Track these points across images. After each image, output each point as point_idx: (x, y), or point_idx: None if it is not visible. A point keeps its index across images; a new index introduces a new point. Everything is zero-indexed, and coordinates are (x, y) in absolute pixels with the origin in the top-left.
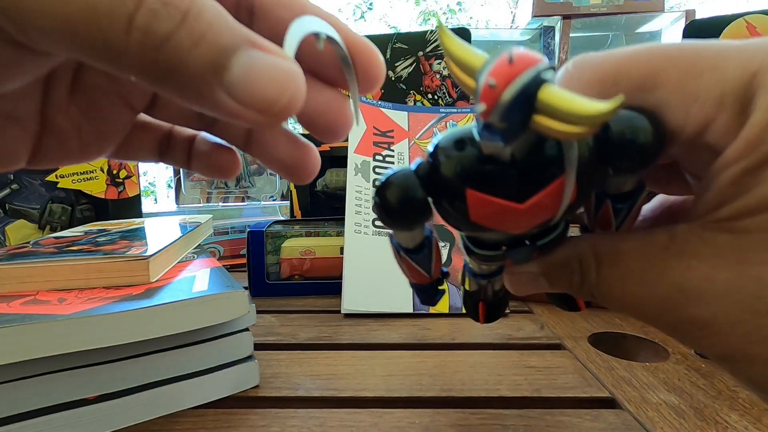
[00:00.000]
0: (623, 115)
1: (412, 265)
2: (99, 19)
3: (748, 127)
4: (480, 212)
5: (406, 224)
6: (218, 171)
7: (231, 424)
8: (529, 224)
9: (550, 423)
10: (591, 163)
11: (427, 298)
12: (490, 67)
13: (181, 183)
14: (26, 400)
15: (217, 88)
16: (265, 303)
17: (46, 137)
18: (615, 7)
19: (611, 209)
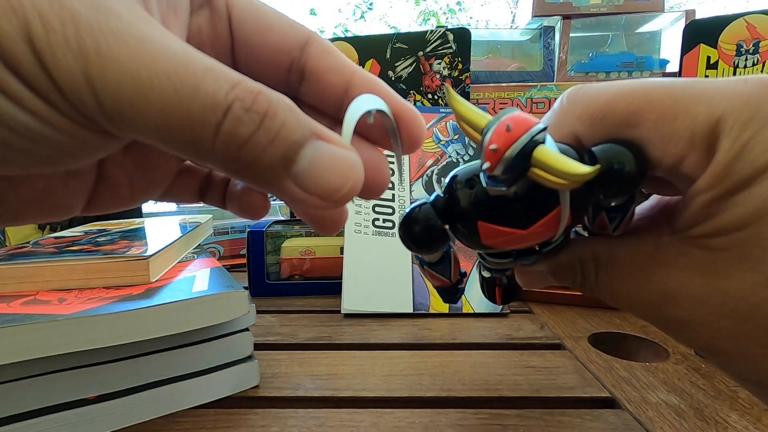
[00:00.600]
0: (610, 149)
1: (435, 275)
2: (192, 125)
3: (713, 165)
4: (490, 238)
5: (428, 250)
6: (249, 212)
7: (231, 424)
8: (533, 244)
9: (550, 423)
10: (583, 194)
11: (448, 298)
12: (491, 132)
13: None
14: (26, 400)
15: (285, 178)
16: (265, 303)
17: (100, 187)
18: (615, 7)
19: (606, 218)
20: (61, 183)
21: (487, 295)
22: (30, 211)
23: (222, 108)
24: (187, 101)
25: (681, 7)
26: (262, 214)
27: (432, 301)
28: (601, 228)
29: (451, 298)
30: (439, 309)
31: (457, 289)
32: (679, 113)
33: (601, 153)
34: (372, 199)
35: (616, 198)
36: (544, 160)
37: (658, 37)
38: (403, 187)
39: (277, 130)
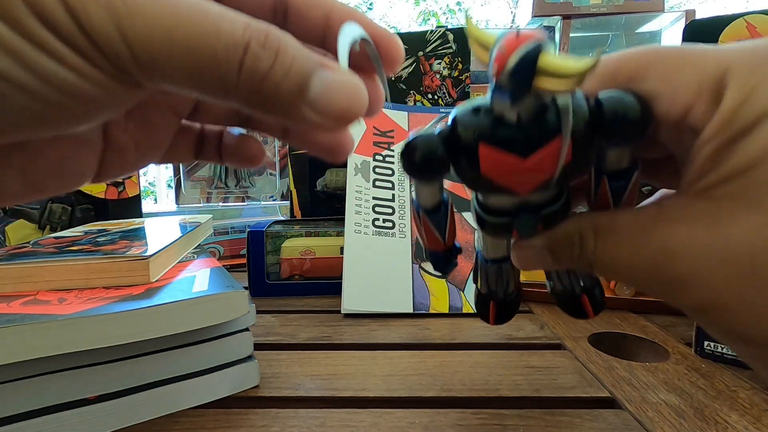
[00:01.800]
0: (615, 93)
1: (429, 227)
2: (219, 64)
3: (719, 112)
4: (489, 165)
5: (427, 175)
6: (247, 160)
7: (231, 424)
8: (532, 180)
9: (550, 423)
10: (586, 134)
11: (439, 265)
12: (502, 41)
13: (181, 183)
14: (26, 400)
15: (302, 105)
16: (265, 303)
17: (108, 154)
18: (615, 7)
19: (608, 188)
20: (73, 151)
21: (480, 309)
22: (49, 180)
23: (241, 46)
24: (212, 41)
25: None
26: (260, 159)
27: (432, 301)
28: (602, 203)
29: (442, 266)
30: (439, 309)
31: (449, 257)
32: (688, 65)
33: (606, 96)
34: (372, 117)
35: (620, 144)
36: (548, 63)
37: (658, 37)
38: (402, 186)
39: (290, 64)
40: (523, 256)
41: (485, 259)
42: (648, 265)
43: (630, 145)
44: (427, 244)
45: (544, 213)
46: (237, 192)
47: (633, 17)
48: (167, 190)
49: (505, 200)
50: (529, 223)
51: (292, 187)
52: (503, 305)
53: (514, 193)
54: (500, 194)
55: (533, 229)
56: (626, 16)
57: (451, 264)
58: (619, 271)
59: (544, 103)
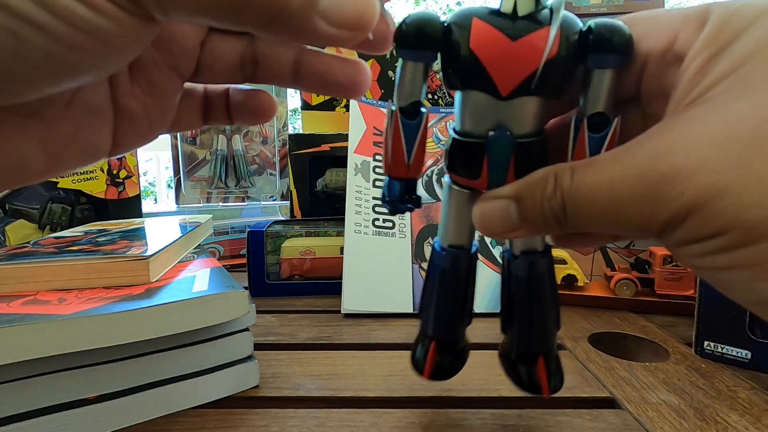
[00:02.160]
0: (603, 21)
1: (399, 135)
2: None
3: (707, 29)
4: (479, 39)
5: (417, 44)
6: (259, 114)
7: (231, 424)
8: (517, 70)
9: (550, 423)
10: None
11: (394, 197)
12: None
13: (181, 183)
14: (26, 400)
15: (315, 17)
16: (265, 303)
17: (120, 123)
18: (615, 7)
19: (586, 137)
20: (86, 120)
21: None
22: (68, 152)
23: None
24: None
25: None
26: (273, 111)
27: None
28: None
29: (396, 201)
30: None
31: (407, 191)
32: (671, 10)
33: (595, 24)
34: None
35: (604, 62)
36: None
37: None
38: None
39: None
40: (487, 210)
41: (441, 249)
42: (634, 174)
43: (614, 64)
44: (390, 162)
45: (520, 140)
46: (237, 192)
47: None
48: (167, 190)
49: (483, 111)
50: (504, 144)
51: (292, 187)
52: (447, 350)
53: (495, 91)
54: (481, 94)
55: (506, 154)
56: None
57: (406, 206)
58: (599, 198)
59: (538, 1)
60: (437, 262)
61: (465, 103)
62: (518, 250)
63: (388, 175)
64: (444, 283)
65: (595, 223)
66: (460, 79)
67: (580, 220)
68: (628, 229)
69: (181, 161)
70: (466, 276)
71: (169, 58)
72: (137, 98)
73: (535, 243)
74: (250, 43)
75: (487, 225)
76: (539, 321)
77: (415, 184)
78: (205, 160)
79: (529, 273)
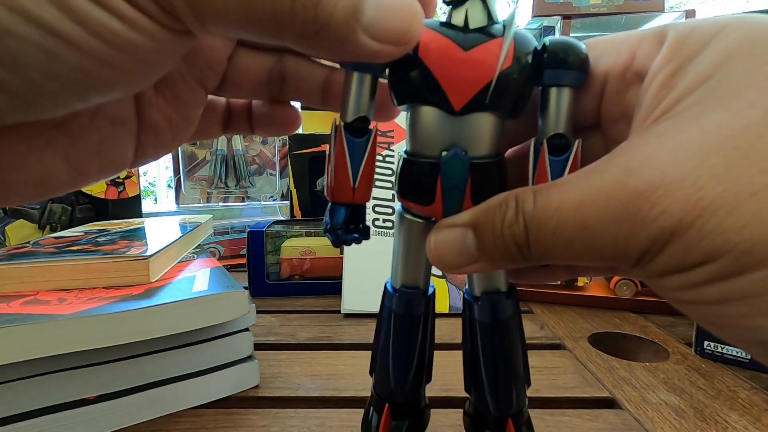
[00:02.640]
0: (558, 38)
1: (343, 154)
2: (274, 5)
3: (666, 45)
4: (429, 47)
5: None
6: (283, 126)
7: (231, 424)
8: (470, 82)
9: (550, 423)
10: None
11: (337, 226)
12: None
13: (181, 183)
14: (26, 400)
15: (359, 31)
16: (265, 303)
17: (144, 135)
18: (615, 7)
19: (548, 162)
20: (110, 132)
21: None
22: (92, 165)
23: None
24: None
25: (681, 7)
26: (296, 126)
27: None
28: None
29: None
30: (438, 309)
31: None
32: (629, 32)
33: (550, 42)
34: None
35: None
36: None
37: None
38: None
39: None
40: (441, 240)
41: (394, 290)
42: (605, 192)
43: (571, 82)
44: (332, 185)
45: (476, 161)
46: (237, 192)
47: (633, 17)
48: (167, 190)
49: (435, 129)
50: (458, 164)
51: (292, 187)
52: (404, 414)
53: (448, 105)
54: (432, 109)
55: (462, 176)
56: (626, 16)
57: (351, 236)
58: (566, 223)
59: (491, 15)
60: (388, 305)
61: (415, 120)
62: (479, 290)
63: (331, 199)
64: (397, 331)
65: (562, 253)
66: (409, 92)
67: (545, 249)
68: (599, 258)
69: (181, 161)
70: (423, 323)
71: (195, 72)
72: (161, 110)
73: (497, 281)
74: (279, 59)
75: (441, 257)
76: (507, 377)
77: (363, 212)
78: (205, 160)
79: (493, 318)
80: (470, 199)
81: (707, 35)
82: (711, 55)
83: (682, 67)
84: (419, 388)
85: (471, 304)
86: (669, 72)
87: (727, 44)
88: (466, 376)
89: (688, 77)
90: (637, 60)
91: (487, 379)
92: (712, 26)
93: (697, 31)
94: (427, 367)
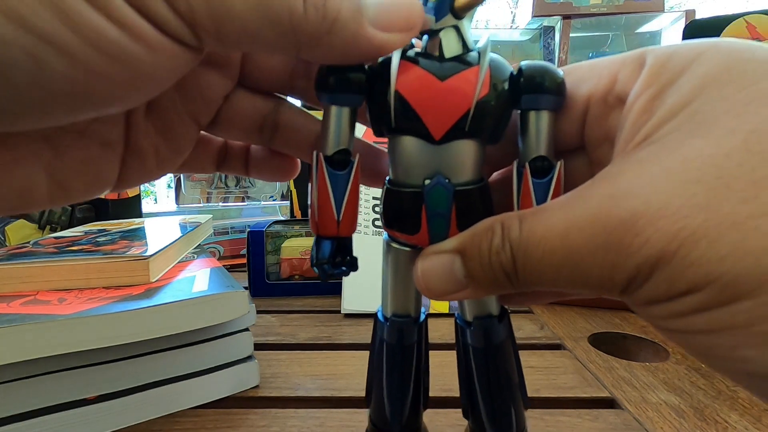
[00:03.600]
0: (533, 62)
1: (325, 187)
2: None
3: (646, 70)
4: (406, 79)
5: (340, 85)
6: (280, 174)
7: (231, 424)
8: (448, 112)
9: (550, 423)
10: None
11: (323, 260)
12: None
13: (181, 183)
14: (26, 400)
15: (366, 24)
16: (265, 303)
17: (130, 159)
18: (615, 7)
19: (531, 185)
20: (96, 152)
21: None
22: (74, 183)
23: None
24: None
25: (681, 7)
26: (293, 173)
27: (432, 302)
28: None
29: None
30: (439, 309)
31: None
32: (609, 57)
33: (526, 67)
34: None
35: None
36: None
37: (658, 38)
38: None
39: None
40: (429, 267)
41: (385, 319)
42: (590, 221)
43: (549, 105)
44: (317, 219)
45: (459, 187)
46: (237, 192)
47: (633, 17)
48: (167, 190)
49: (417, 158)
50: (442, 191)
51: (292, 187)
52: None
53: (428, 135)
54: (413, 139)
55: (446, 203)
56: (626, 16)
57: (338, 269)
58: (552, 251)
59: (465, 44)
60: (380, 334)
61: (396, 150)
62: (471, 315)
63: (316, 233)
64: (391, 361)
65: (549, 281)
66: (388, 124)
67: (533, 276)
68: (586, 285)
69: None
70: (416, 351)
71: (189, 105)
72: (149, 138)
73: (489, 306)
74: (276, 106)
75: (429, 285)
76: (505, 400)
77: (349, 244)
78: None
79: (486, 343)
80: (456, 226)
81: (686, 61)
82: (690, 80)
83: (662, 92)
84: (416, 417)
85: (463, 330)
86: (649, 97)
87: (705, 70)
88: (465, 403)
89: (667, 102)
90: (618, 84)
91: (483, 404)
92: (690, 51)
93: (675, 56)
94: (424, 394)
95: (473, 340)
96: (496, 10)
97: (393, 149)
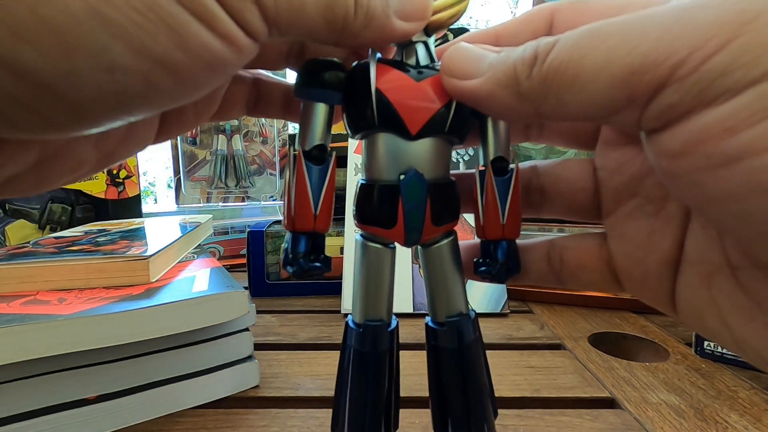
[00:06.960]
0: None
1: (303, 181)
2: (347, 9)
3: None
4: (384, 78)
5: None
6: None
7: (231, 424)
8: (424, 108)
9: (550, 423)
10: None
11: (298, 256)
12: None
13: (181, 183)
14: (26, 400)
15: (392, 16)
16: (265, 303)
17: (169, 114)
18: None
19: (494, 182)
20: (141, 121)
21: None
22: (119, 148)
23: None
24: None
25: None
26: None
27: None
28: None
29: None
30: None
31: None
32: None
33: None
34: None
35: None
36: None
37: None
38: None
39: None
40: (464, 45)
41: (356, 325)
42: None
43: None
44: (293, 214)
45: (431, 181)
46: (237, 192)
47: None
48: (167, 190)
49: (393, 154)
50: (417, 184)
51: None
52: None
53: (404, 130)
54: (389, 135)
55: (421, 196)
56: None
57: (314, 267)
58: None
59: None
60: (351, 343)
61: (373, 147)
62: (442, 316)
63: (291, 229)
64: (363, 372)
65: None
66: (366, 120)
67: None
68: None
69: (181, 161)
70: (388, 361)
71: None
72: None
73: (459, 303)
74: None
75: (452, 59)
76: (477, 406)
77: (323, 241)
78: (205, 160)
79: (459, 342)
80: (430, 220)
81: None
82: None
83: None
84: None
85: (435, 331)
86: None
87: None
88: (436, 416)
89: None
90: None
91: (456, 411)
92: None
93: None
94: (394, 409)
95: (445, 341)
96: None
97: (370, 147)
